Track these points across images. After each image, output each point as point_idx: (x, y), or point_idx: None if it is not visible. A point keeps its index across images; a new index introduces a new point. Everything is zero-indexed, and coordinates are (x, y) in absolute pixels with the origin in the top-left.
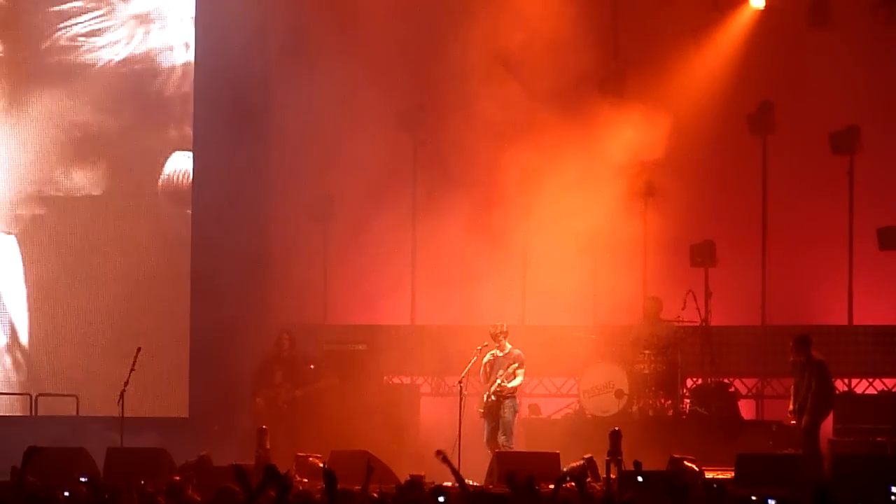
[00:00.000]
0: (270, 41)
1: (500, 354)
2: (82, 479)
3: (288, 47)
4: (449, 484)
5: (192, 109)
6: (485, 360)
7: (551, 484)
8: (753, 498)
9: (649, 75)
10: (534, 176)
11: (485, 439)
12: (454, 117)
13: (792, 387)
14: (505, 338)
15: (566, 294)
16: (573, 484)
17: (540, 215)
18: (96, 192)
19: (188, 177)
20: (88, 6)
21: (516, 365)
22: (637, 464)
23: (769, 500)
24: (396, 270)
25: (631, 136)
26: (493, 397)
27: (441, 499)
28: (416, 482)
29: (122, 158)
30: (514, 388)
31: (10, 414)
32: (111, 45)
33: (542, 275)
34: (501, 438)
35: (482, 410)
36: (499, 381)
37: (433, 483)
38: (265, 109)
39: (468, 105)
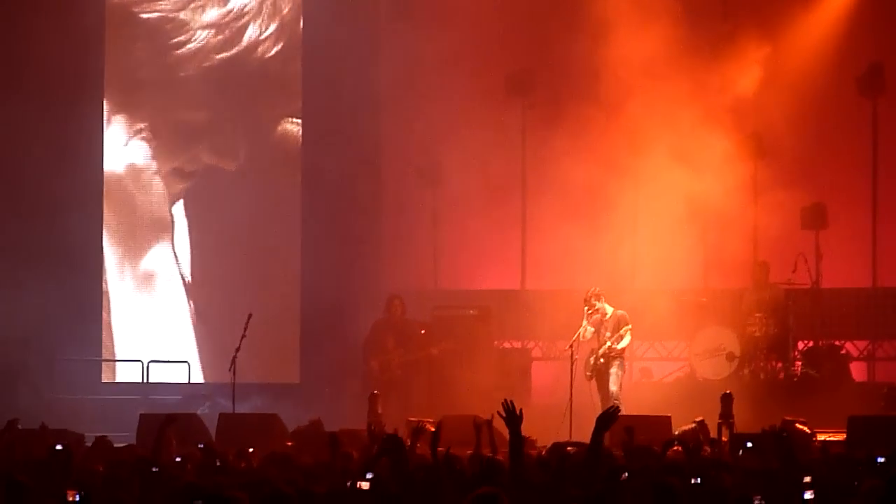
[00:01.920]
0: (379, 5)
1: (604, 317)
2: (200, 446)
3: (396, 11)
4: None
5: (300, 76)
6: (588, 323)
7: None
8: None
9: (758, 37)
10: (645, 139)
11: (598, 401)
12: (563, 79)
13: None
14: (599, 300)
15: (677, 257)
16: (680, 448)
17: (651, 179)
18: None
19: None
20: None
21: (629, 327)
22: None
23: (878, 459)
24: (506, 235)
25: (743, 93)
26: (601, 360)
27: None
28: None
29: (234, 131)
30: (623, 350)
31: (123, 381)
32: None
33: (652, 238)
34: (613, 389)
35: (589, 374)
36: (609, 343)
37: (545, 446)
38: (374, 75)
39: (577, 67)
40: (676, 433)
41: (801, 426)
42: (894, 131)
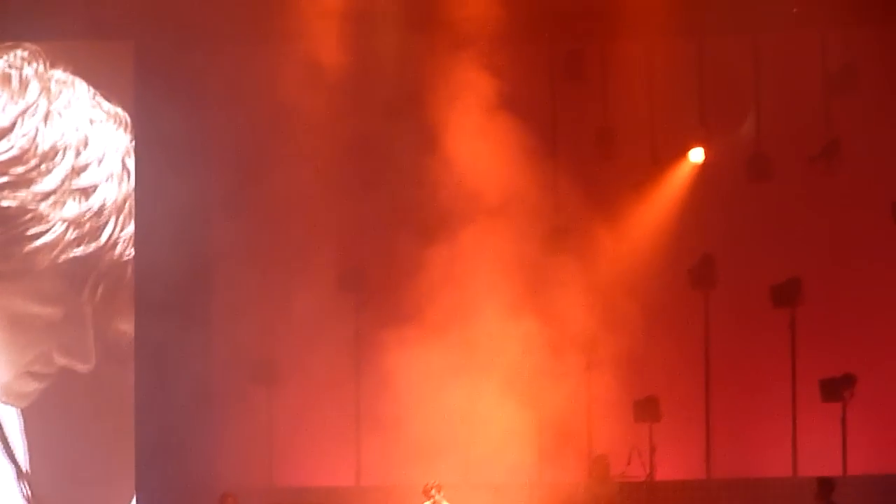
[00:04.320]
0: (210, 203)
1: None
2: None
3: (228, 211)
4: None
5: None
6: None
7: None
8: None
9: (590, 230)
10: (480, 336)
11: None
12: (397, 276)
13: None
14: (439, 492)
15: (511, 452)
16: None
17: (483, 376)
18: None
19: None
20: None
21: None
22: None
23: None
24: (341, 430)
25: (572, 295)
26: None
27: None
28: None
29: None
30: None
31: None
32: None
33: (485, 435)
34: None
35: None
36: None
37: None
38: (207, 272)
39: (411, 264)
40: None
41: None
42: (726, 323)
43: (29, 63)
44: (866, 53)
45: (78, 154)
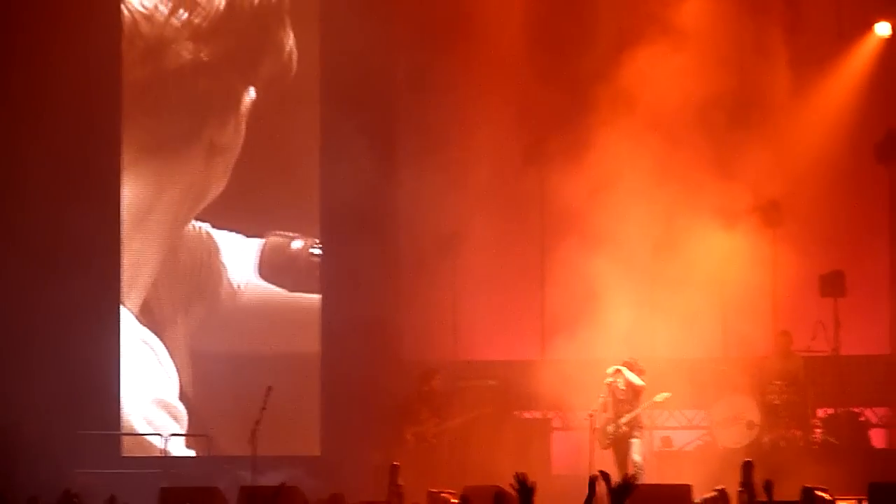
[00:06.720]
0: (396, 77)
1: (623, 387)
2: None
3: (413, 84)
4: None
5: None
6: (604, 393)
7: None
8: None
9: (775, 104)
10: (663, 210)
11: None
12: (580, 151)
13: None
14: (632, 368)
15: (696, 327)
16: None
17: (671, 249)
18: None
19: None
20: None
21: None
22: (768, 484)
23: None
24: (526, 305)
25: (758, 169)
26: (624, 428)
27: None
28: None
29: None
30: (639, 419)
31: (142, 455)
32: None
33: (672, 308)
34: (637, 459)
35: (607, 442)
36: (631, 413)
37: None
38: (391, 145)
39: (594, 138)
40: (697, 501)
41: (821, 494)
42: None
43: None
44: None
45: None
